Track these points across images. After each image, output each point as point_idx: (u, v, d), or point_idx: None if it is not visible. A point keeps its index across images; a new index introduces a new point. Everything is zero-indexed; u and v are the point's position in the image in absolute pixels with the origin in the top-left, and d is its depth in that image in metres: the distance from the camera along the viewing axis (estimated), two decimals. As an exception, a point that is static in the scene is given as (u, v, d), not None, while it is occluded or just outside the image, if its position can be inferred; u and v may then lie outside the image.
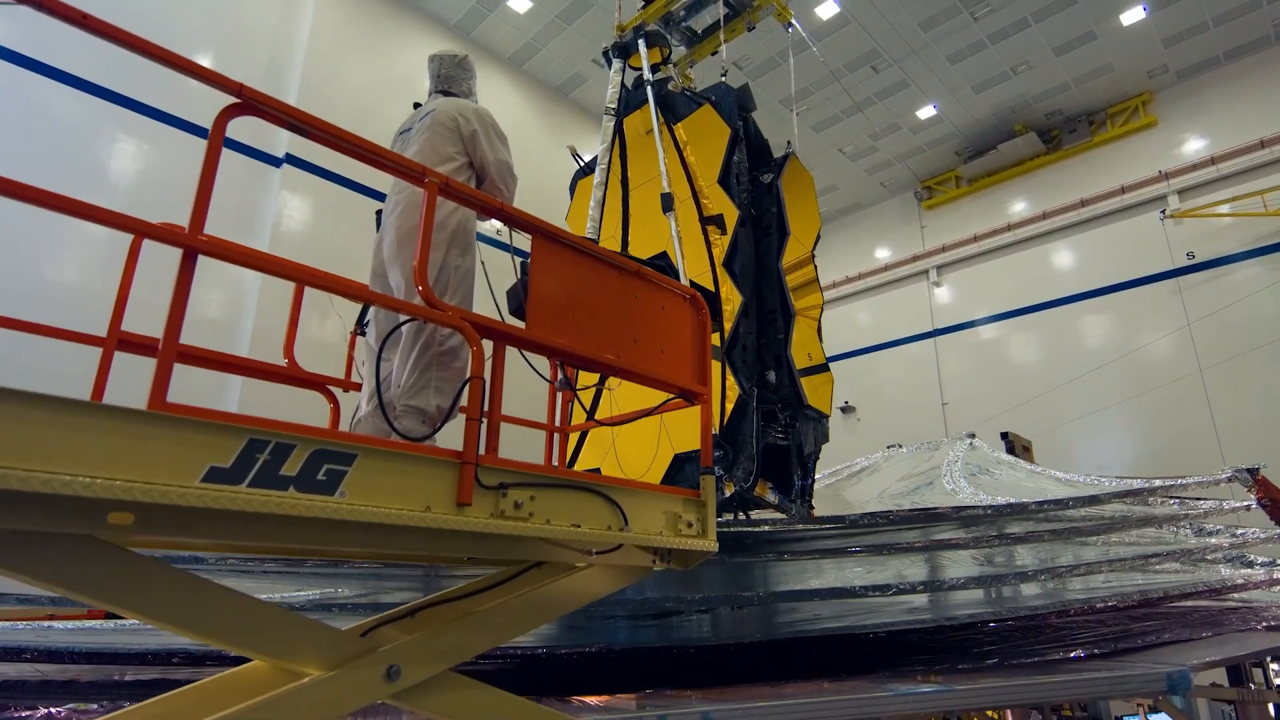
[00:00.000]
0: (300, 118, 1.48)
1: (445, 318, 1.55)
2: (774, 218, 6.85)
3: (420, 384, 2.53)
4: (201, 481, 1.10)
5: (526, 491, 1.50)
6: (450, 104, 3.16)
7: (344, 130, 1.58)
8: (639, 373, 1.81)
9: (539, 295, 1.67)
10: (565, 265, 1.78)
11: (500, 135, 3.16)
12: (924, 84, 15.90)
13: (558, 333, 1.67)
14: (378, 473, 1.29)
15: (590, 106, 16.29)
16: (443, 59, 3.47)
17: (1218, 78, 15.10)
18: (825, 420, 6.69)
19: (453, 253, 2.80)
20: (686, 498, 1.88)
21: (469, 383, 1.53)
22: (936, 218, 19.10)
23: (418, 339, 2.55)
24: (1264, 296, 13.47)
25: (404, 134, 3.28)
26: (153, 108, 10.20)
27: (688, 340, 2.00)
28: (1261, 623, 3.83)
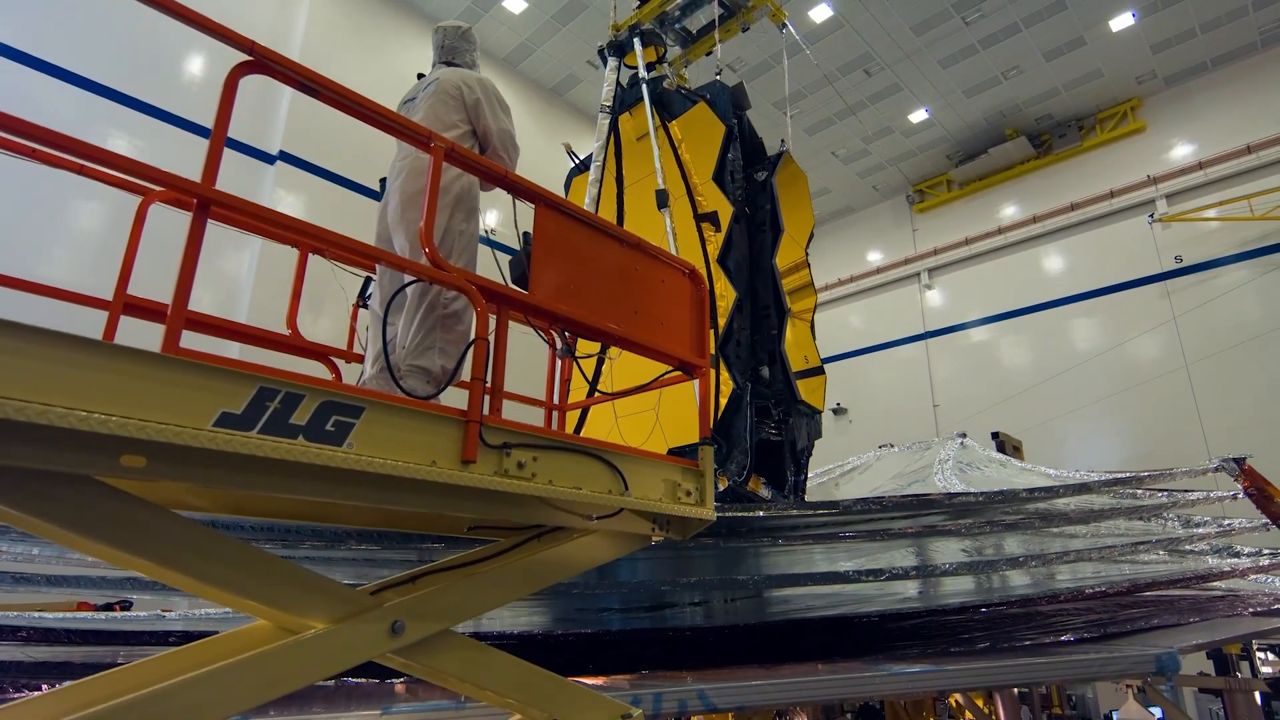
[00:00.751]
0: (309, 76, 1.50)
1: (450, 278, 1.57)
2: (768, 215, 6.89)
3: (425, 344, 2.54)
4: (214, 426, 1.11)
5: (529, 452, 1.52)
6: (454, 73, 3.19)
7: (351, 91, 1.60)
8: (640, 343, 1.84)
9: (542, 263, 1.70)
10: (568, 235, 1.80)
11: (503, 104, 3.19)
12: (916, 88, 16.03)
13: (560, 300, 1.70)
14: (385, 426, 1.31)
15: (585, 107, 16.34)
16: (446, 30, 3.51)
17: (1205, 84, 15.29)
18: (818, 416, 6.73)
19: (457, 217, 2.82)
20: (685, 467, 1.91)
21: (474, 344, 1.56)
22: (928, 221, 19.24)
23: (422, 300, 2.57)
24: (1250, 300, 13.63)
25: (408, 102, 3.31)
26: (147, 103, 10.17)
27: (686, 313, 2.03)
28: (1248, 609, 3.88)
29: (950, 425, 17.02)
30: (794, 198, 7.29)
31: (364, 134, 11.31)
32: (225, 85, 1.42)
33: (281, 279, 10.88)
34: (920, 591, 3.82)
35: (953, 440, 10.33)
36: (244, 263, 10.82)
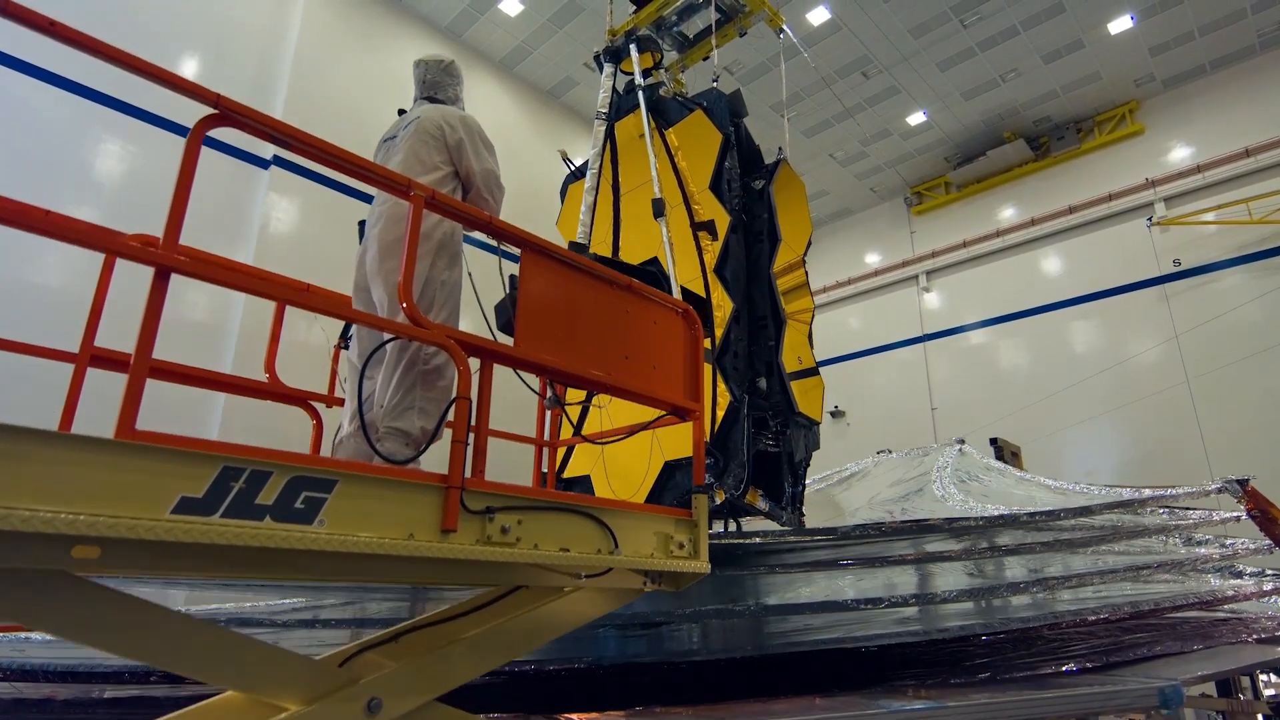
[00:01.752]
0: (280, 129, 1.43)
1: (430, 336, 1.50)
2: (765, 224, 6.83)
3: (404, 404, 2.43)
4: (172, 513, 1.05)
5: (514, 515, 1.46)
6: (436, 111, 3.08)
7: (326, 142, 1.53)
8: (630, 390, 1.78)
9: (528, 310, 1.63)
10: (555, 279, 1.74)
11: (487, 144, 3.08)
12: (914, 90, 15.97)
13: (547, 349, 1.63)
14: (358, 499, 1.24)
15: (582, 110, 16.26)
16: (428, 64, 3.39)
17: (1204, 86, 15.25)
18: (816, 427, 6.67)
19: (438, 265, 2.71)
20: (678, 518, 1.85)
21: (455, 403, 1.49)
22: (926, 223, 19.20)
23: (402, 357, 2.47)
24: (1249, 303, 13.60)
25: (388, 141, 3.19)
26: (138, 108, 10.08)
27: (680, 355, 1.97)
28: (1252, 635, 3.83)
29: (948, 428, 16.99)
30: (791, 206, 7.22)
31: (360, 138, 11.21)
32: (189, 140, 1.35)
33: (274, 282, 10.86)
34: (920, 612, 3.76)
35: (951, 447, 10.27)
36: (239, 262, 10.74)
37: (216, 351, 10.14)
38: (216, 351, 10.14)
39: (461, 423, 1.46)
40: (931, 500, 6.87)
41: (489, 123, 13.65)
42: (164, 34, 10.58)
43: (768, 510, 6.04)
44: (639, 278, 7.01)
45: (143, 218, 10.36)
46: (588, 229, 7.23)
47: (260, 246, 10.75)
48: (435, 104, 3.25)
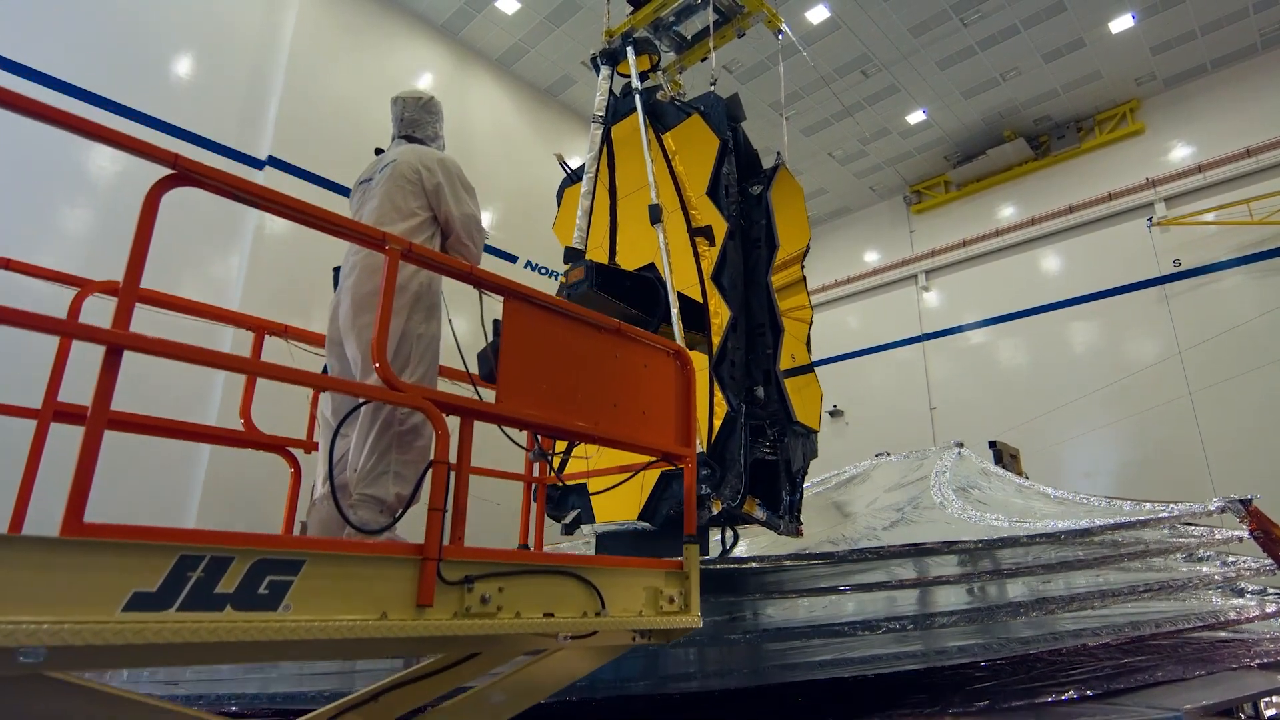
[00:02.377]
0: (241, 186, 1.36)
1: (405, 399, 1.44)
2: (763, 230, 6.75)
3: (379, 469, 2.32)
4: (123, 611, 0.99)
5: (494, 583, 1.40)
6: (413, 153, 2.96)
7: (294, 199, 1.47)
8: (618, 440, 1.72)
9: (510, 362, 1.57)
10: (540, 327, 1.67)
11: (467, 186, 3.00)
12: (914, 89, 15.87)
13: (531, 403, 1.57)
14: (328, 579, 1.18)
15: (579, 108, 16.16)
16: (405, 101, 3.28)
17: (1205, 85, 15.17)
18: (814, 436, 6.61)
19: (415, 318, 2.60)
20: (669, 570, 1.79)
21: (432, 467, 1.43)
22: (925, 222, 19.12)
23: (376, 417, 2.37)
24: (1249, 304, 13.55)
25: (364, 184, 3.06)
26: (132, 108, 9.98)
27: (671, 399, 1.90)
28: (1254, 659, 3.77)
29: (947, 427, 16.97)
30: (790, 212, 7.14)
31: (356, 137, 11.16)
32: (145, 202, 1.29)
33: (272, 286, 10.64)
34: (918, 634, 3.71)
35: (950, 450, 10.23)
36: (232, 268, 10.65)
37: (204, 375, 10.05)
38: (204, 375, 10.05)
39: (439, 489, 1.40)
40: (930, 508, 6.81)
41: (486, 122, 13.79)
42: (159, 33, 10.47)
43: (765, 519, 5.99)
44: (636, 283, 6.94)
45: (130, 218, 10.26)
46: (584, 234, 7.16)
47: (255, 248, 10.67)
48: (413, 144, 3.14)
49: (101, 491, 5.34)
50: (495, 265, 13.94)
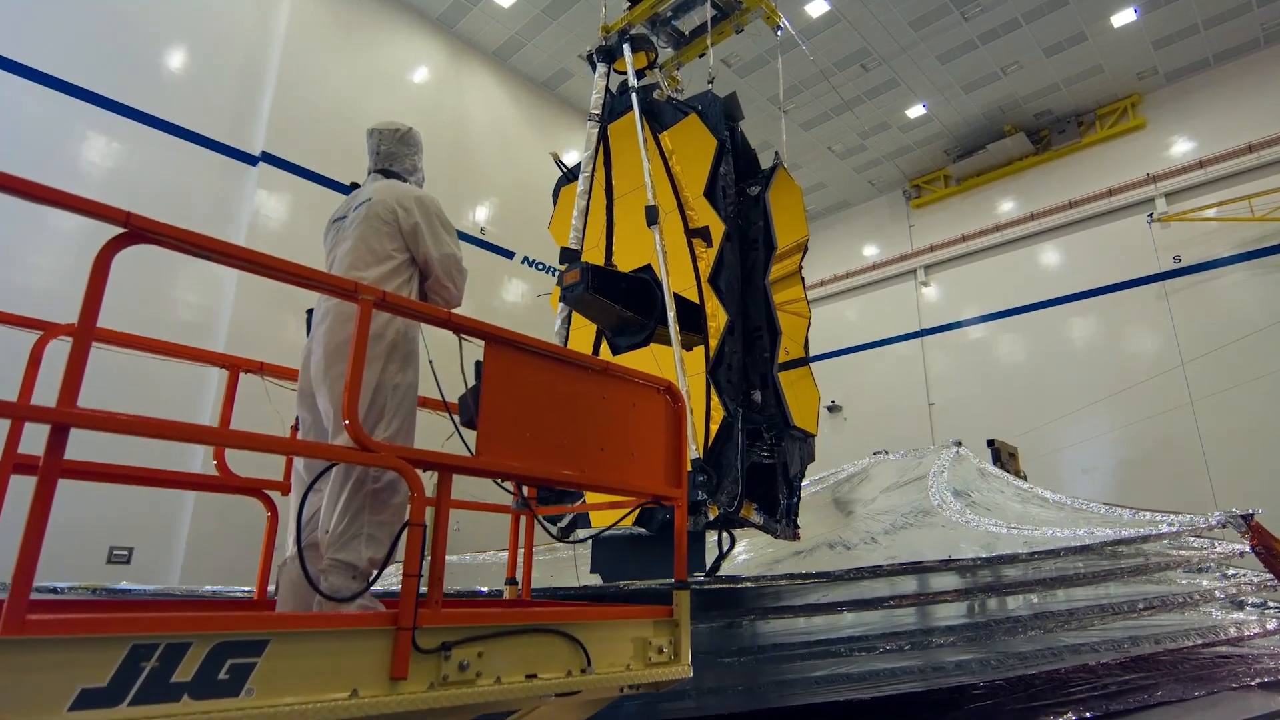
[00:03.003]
0: (200, 242, 1.29)
1: (379, 459, 1.38)
2: (760, 231, 6.68)
3: (351, 532, 2.18)
4: (70, 711, 0.93)
5: (474, 648, 1.34)
6: (389, 191, 2.83)
7: (255, 253, 1.40)
8: (605, 485, 1.66)
9: (492, 410, 1.50)
10: (522, 372, 1.61)
11: (446, 225, 2.85)
12: (914, 83, 15.75)
13: (513, 452, 1.51)
14: (295, 657, 1.12)
15: (576, 102, 16.03)
16: (382, 134, 3.11)
17: (1207, 80, 15.05)
18: (811, 440, 6.56)
19: (390, 368, 2.44)
20: (658, 619, 1.73)
21: (408, 529, 1.37)
22: (925, 217, 19.02)
23: (349, 475, 2.23)
24: (1249, 300, 13.49)
25: (338, 222, 2.95)
26: (123, 104, 9.87)
27: (660, 438, 1.84)
28: (1255, 677, 3.74)
29: (945, 423, 16.94)
30: (787, 212, 7.06)
31: (351, 132, 11.03)
32: (96, 263, 1.22)
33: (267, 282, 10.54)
34: (915, 651, 3.67)
35: (948, 449, 10.20)
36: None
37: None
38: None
39: (414, 553, 1.33)
40: (928, 513, 6.77)
41: (482, 116, 13.65)
42: (150, 27, 10.34)
43: (762, 524, 5.96)
44: (632, 285, 6.86)
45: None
46: (580, 234, 7.09)
47: (249, 242, 10.57)
48: (390, 179, 2.99)
49: (95, 510, 5.27)
50: (493, 262, 13.85)
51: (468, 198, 13.74)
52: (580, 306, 6.55)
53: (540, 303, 13.03)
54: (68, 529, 8.47)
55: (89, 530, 8.53)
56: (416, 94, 13.37)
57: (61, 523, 6.76)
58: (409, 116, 13.26)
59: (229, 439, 1.24)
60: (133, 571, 8.69)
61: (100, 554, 8.66)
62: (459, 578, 7.36)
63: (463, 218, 13.53)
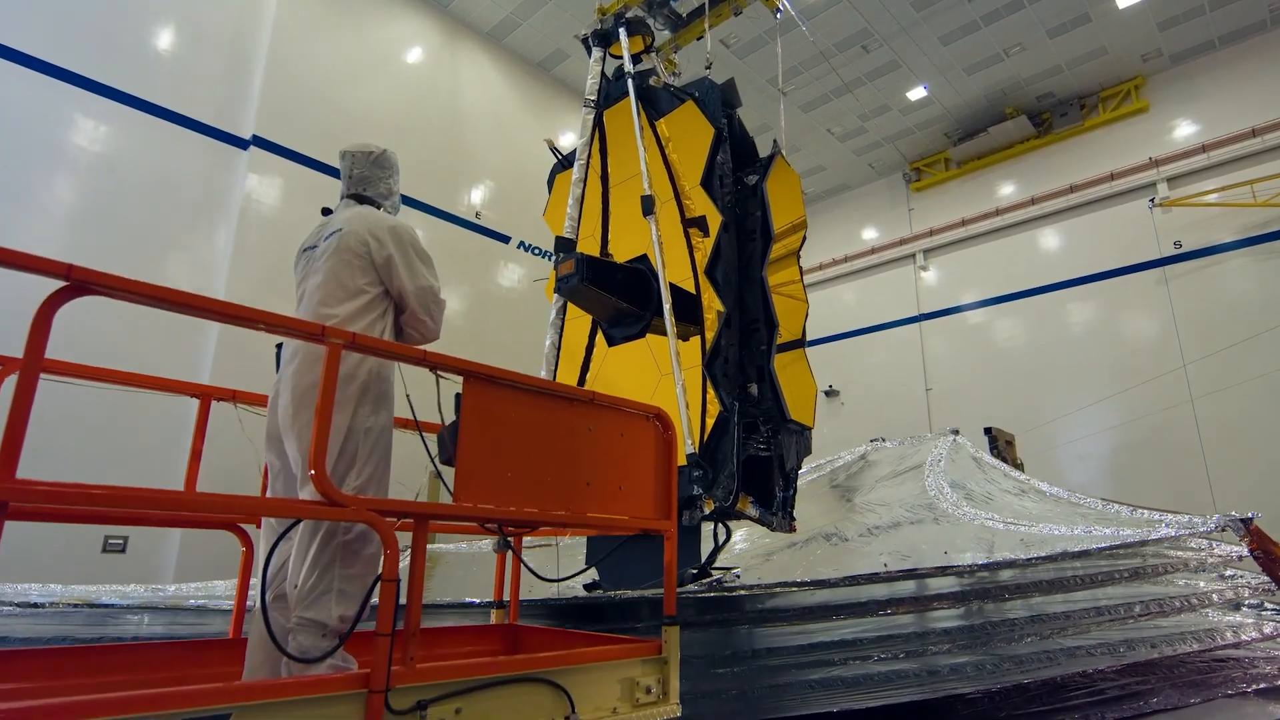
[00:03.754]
0: (147, 291, 1.22)
1: (349, 514, 1.32)
2: (758, 221, 6.58)
3: (321, 588, 2.05)
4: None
5: (451, 704, 1.29)
6: (361, 220, 2.68)
7: (210, 300, 1.32)
8: (591, 523, 1.60)
9: (470, 451, 1.44)
10: (503, 408, 1.54)
11: (422, 255, 2.71)
12: (915, 65, 15.53)
13: (493, 494, 1.44)
14: (260, 728, 1.07)
15: (573, 83, 15.80)
16: (354, 156, 2.95)
17: (1212, 62, 14.86)
18: (808, 433, 6.52)
19: (362, 412, 2.29)
20: (646, 658, 1.68)
21: (380, 584, 1.31)
22: (924, 201, 18.87)
23: (319, 527, 2.10)
24: (1249, 286, 13.43)
25: (309, 251, 2.80)
26: (108, 86, 9.68)
27: (649, 468, 1.78)
28: (1251, 684, 3.72)
29: (943, 408, 16.94)
30: (786, 202, 6.96)
31: (343, 115, 10.83)
32: (37, 318, 1.15)
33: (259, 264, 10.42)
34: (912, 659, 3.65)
35: (945, 437, 10.18)
36: (218, 247, 10.44)
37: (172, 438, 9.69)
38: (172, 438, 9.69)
39: (387, 611, 1.27)
40: (925, 506, 6.75)
41: (478, 97, 13.43)
42: (136, 7, 10.12)
43: (758, 516, 5.93)
44: (627, 276, 6.77)
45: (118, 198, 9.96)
46: (575, 223, 7.00)
47: (241, 227, 10.45)
48: (364, 205, 2.85)
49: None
50: (489, 247, 13.71)
51: (462, 181, 13.58)
52: (575, 298, 6.47)
53: (536, 288, 12.93)
54: (62, 518, 8.48)
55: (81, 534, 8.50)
56: (410, 74, 13.15)
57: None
58: (402, 98, 13.05)
59: (191, 503, 1.18)
60: (128, 560, 8.68)
61: (95, 543, 8.63)
62: (454, 568, 7.35)
63: (458, 201, 13.37)
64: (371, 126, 12.14)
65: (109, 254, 9.24)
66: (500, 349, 13.11)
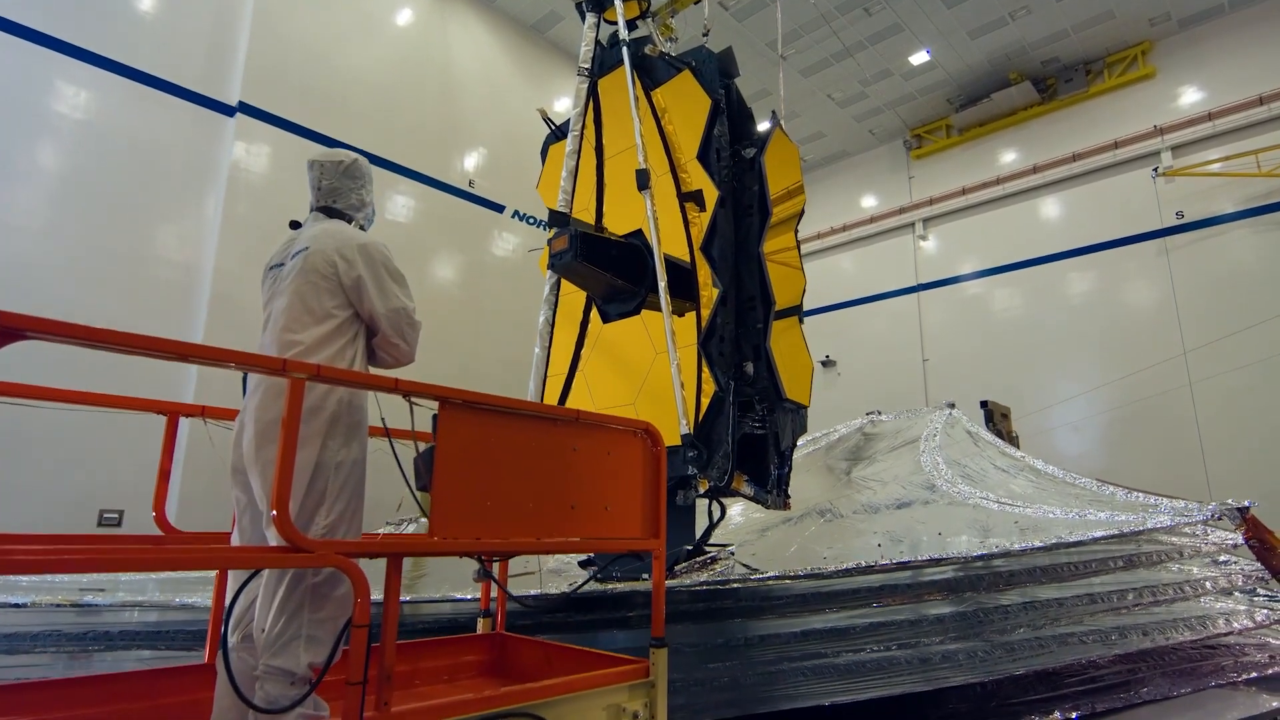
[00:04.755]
0: (80, 334, 1.13)
1: (317, 559, 1.25)
2: (755, 196, 6.45)
3: (289, 635, 1.94)
4: None
5: (428, 749, 1.25)
6: (329, 238, 2.52)
7: (154, 338, 1.23)
8: (577, 547, 1.54)
9: (447, 481, 1.37)
10: (482, 434, 1.47)
11: (395, 275, 2.54)
12: (918, 28, 15.17)
13: (472, 525, 1.38)
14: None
15: (567, 46, 15.43)
16: (323, 166, 2.75)
17: (1221, 27, 14.53)
18: (804, 412, 6.49)
19: (331, 446, 2.15)
20: (633, 682, 1.64)
21: (351, 630, 1.25)
22: (925, 168, 18.61)
23: (285, 570, 1.95)
24: (1251, 258, 13.33)
25: (275, 270, 2.63)
26: (88, 50, 9.40)
27: (637, 485, 1.71)
28: (1240, 672, 3.74)
29: (940, 380, 16.93)
30: (784, 176, 6.82)
31: (330, 81, 10.55)
32: None
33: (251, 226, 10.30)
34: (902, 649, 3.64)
35: (941, 411, 10.18)
36: (208, 209, 10.25)
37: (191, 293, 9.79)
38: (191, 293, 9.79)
39: (358, 658, 1.22)
40: (921, 485, 6.76)
41: (469, 61, 13.10)
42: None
43: (753, 494, 5.94)
44: (622, 252, 6.65)
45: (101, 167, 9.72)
46: (569, 196, 6.88)
47: (230, 195, 10.26)
48: (334, 219, 2.68)
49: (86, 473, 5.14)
50: (482, 216, 13.51)
51: (455, 148, 13.33)
52: (569, 274, 6.37)
53: (531, 258, 12.76)
54: (60, 492, 8.45)
55: (80, 493, 8.50)
56: (399, 36, 12.81)
57: (53, 486, 6.69)
58: (392, 62, 12.72)
59: (156, 561, 1.11)
60: (123, 534, 8.68)
61: (91, 517, 8.63)
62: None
63: (450, 169, 13.14)
64: (360, 92, 11.87)
65: (93, 226, 9.08)
66: (497, 316, 13.01)
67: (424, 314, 2.51)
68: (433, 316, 12.64)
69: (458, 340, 12.30)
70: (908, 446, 9.16)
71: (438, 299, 12.30)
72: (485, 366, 12.45)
